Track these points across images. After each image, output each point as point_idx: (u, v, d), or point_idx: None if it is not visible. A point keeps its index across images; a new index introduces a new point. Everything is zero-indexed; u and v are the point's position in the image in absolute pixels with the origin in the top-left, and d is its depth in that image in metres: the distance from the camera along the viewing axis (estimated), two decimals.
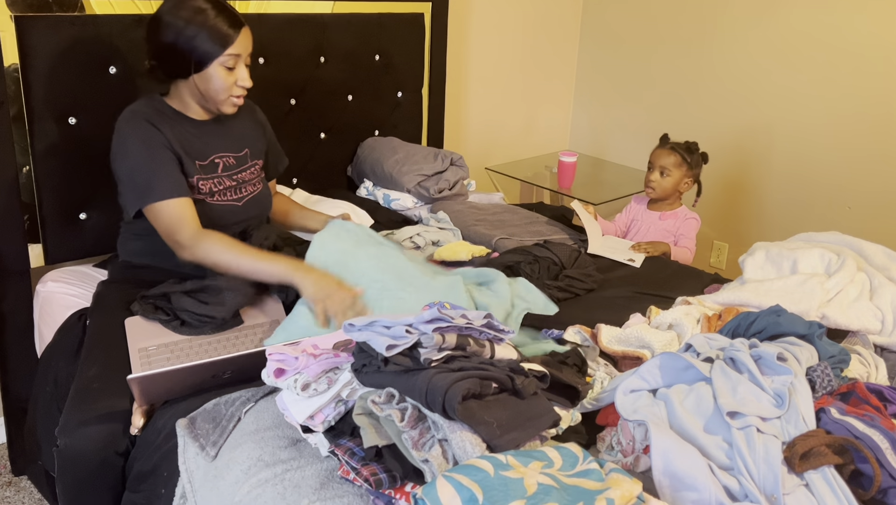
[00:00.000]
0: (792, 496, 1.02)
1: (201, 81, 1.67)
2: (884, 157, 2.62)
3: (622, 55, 3.33)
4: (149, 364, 1.46)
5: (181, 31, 1.62)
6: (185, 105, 1.74)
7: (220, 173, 1.76)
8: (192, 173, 1.70)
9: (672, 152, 2.37)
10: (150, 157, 1.63)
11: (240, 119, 1.84)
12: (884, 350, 1.59)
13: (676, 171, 2.37)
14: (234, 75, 1.67)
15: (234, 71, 1.67)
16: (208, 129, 1.76)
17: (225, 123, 1.80)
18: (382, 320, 1.12)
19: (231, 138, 1.81)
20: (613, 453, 1.18)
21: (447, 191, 2.47)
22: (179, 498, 1.26)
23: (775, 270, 1.78)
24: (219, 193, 1.75)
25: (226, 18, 1.64)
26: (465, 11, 2.99)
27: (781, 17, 2.78)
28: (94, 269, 2.01)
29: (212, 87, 1.67)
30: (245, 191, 1.81)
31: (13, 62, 1.80)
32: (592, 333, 1.54)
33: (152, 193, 1.62)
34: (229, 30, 1.64)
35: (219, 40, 1.63)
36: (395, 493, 1.04)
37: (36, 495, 2.03)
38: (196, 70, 1.65)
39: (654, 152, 2.42)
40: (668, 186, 2.38)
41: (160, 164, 1.63)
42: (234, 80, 1.68)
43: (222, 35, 1.63)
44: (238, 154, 1.81)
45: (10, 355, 1.97)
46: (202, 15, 1.62)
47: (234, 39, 1.64)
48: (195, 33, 1.61)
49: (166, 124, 1.68)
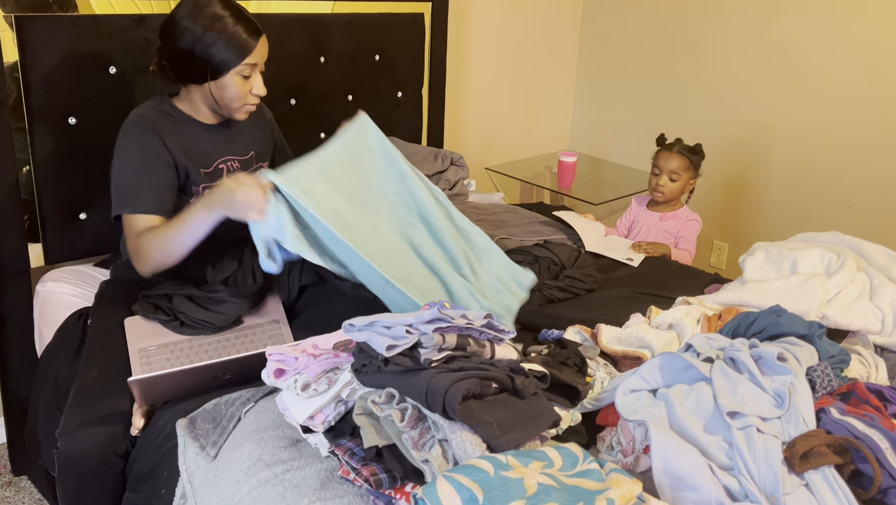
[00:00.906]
0: (792, 496, 1.02)
1: (216, 89, 1.64)
2: (884, 157, 2.62)
3: (622, 55, 3.33)
4: (148, 364, 1.46)
5: (199, 38, 1.57)
6: (196, 109, 1.71)
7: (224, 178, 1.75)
8: (197, 182, 1.69)
9: (679, 156, 2.35)
10: (141, 169, 1.61)
11: (248, 121, 1.81)
12: (884, 350, 1.59)
13: (685, 174, 2.36)
14: (249, 83, 1.65)
15: (250, 79, 1.64)
16: (216, 133, 1.75)
17: (233, 127, 1.78)
18: (382, 321, 1.12)
19: (238, 142, 1.79)
20: (613, 453, 1.18)
21: (447, 191, 2.47)
22: (179, 498, 1.26)
23: (775, 270, 1.78)
24: None
25: (245, 27, 1.60)
26: (465, 11, 2.99)
27: (781, 17, 2.78)
28: (94, 268, 2.01)
29: (227, 95, 1.64)
30: None
31: (13, 62, 1.80)
32: (592, 333, 1.54)
33: (131, 204, 1.59)
34: (248, 38, 1.60)
35: (237, 49, 1.59)
36: (395, 493, 1.04)
37: (36, 495, 2.03)
38: (212, 78, 1.62)
39: (659, 155, 2.39)
40: (676, 190, 2.37)
41: (149, 177, 1.61)
42: (250, 89, 1.65)
43: (241, 44, 1.59)
44: (243, 157, 1.80)
45: (10, 355, 1.97)
46: (221, 22, 1.58)
47: (252, 48, 1.61)
48: (213, 41, 1.57)
49: (173, 129, 1.66)
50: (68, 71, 1.88)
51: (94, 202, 1.98)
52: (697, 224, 2.41)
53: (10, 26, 1.78)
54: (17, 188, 1.86)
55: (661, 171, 2.37)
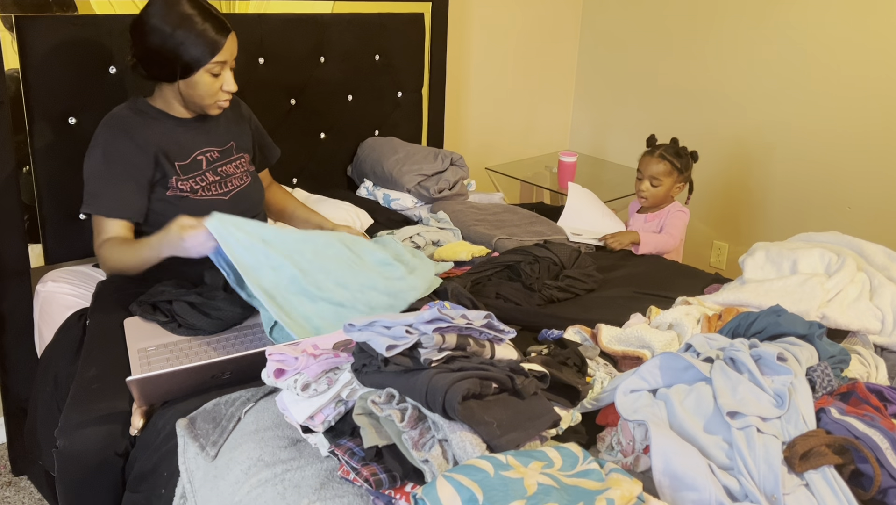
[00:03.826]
0: (792, 496, 1.02)
1: (187, 87, 1.67)
2: (884, 157, 2.62)
3: (622, 55, 3.33)
4: (148, 365, 1.46)
5: (168, 38, 1.60)
6: (170, 105, 1.74)
7: (204, 169, 1.76)
8: (170, 174, 1.70)
9: (661, 160, 2.31)
10: (106, 171, 1.64)
11: (224, 115, 1.83)
12: (884, 350, 1.59)
13: (667, 179, 2.31)
14: (219, 81, 1.67)
15: (220, 76, 1.67)
16: (192, 127, 1.76)
17: (209, 120, 1.80)
18: (382, 321, 1.12)
19: (216, 133, 1.81)
20: (613, 453, 1.18)
21: (447, 191, 2.47)
22: (179, 498, 1.26)
23: (775, 270, 1.78)
24: (202, 189, 1.75)
25: (213, 25, 1.62)
26: (465, 11, 2.99)
27: (782, 17, 2.78)
28: (94, 269, 2.01)
29: (197, 92, 1.67)
30: (231, 185, 1.80)
31: (13, 63, 1.80)
32: (592, 333, 1.54)
33: (95, 204, 1.65)
34: (216, 36, 1.62)
35: (206, 47, 1.62)
36: (395, 493, 1.04)
37: (36, 495, 2.03)
38: (182, 76, 1.65)
39: (641, 160, 2.36)
40: (659, 195, 2.34)
41: (114, 180, 1.64)
42: (220, 86, 1.68)
43: (210, 42, 1.62)
44: (222, 147, 1.81)
45: (10, 355, 1.97)
46: (189, 21, 1.60)
47: (221, 46, 1.63)
48: (182, 40, 1.60)
49: (145, 126, 1.68)
50: (68, 71, 1.88)
51: None
52: (683, 215, 2.37)
53: (10, 26, 1.78)
54: (17, 188, 1.86)
55: (643, 175, 2.35)
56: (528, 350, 1.43)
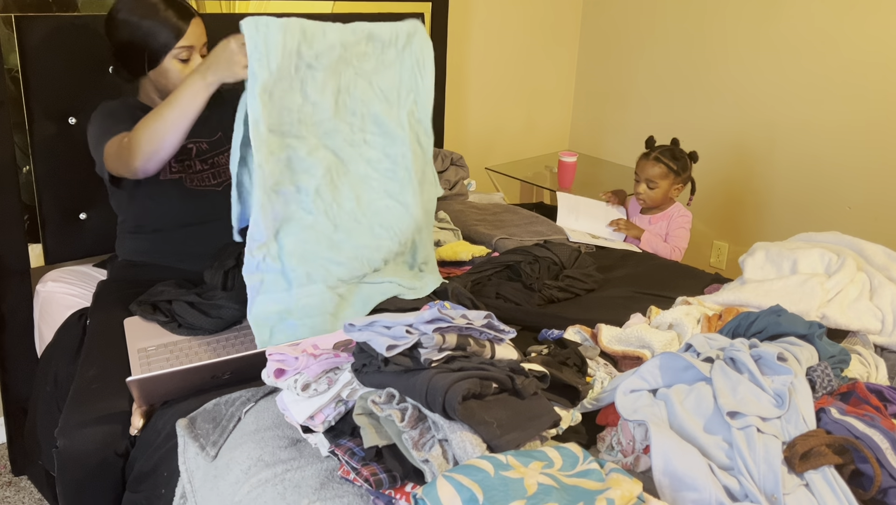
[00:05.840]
0: (792, 496, 1.02)
1: (158, 76, 1.69)
2: (884, 157, 2.62)
3: (622, 55, 3.33)
4: (148, 365, 1.46)
5: (136, 28, 1.64)
6: (152, 100, 1.76)
7: (193, 157, 1.77)
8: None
9: (657, 163, 2.31)
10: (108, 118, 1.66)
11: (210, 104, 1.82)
12: (884, 350, 1.59)
13: (663, 181, 2.32)
14: (189, 67, 1.68)
15: (189, 63, 1.68)
16: None
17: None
18: (383, 321, 1.12)
19: (205, 125, 1.79)
20: (613, 453, 1.18)
21: (447, 191, 2.47)
22: (179, 498, 1.26)
23: (775, 270, 1.78)
24: (196, 178, 1.75)
25: (175, 11, 1.66)
26: (465, 11, 2.99)
27: (782, 17, 2.78)
28: (94, 269, 2.01)
29: (170, 81, 1.68)
30: (224, 176, 1.80)
31: (13, 63, 1.80)
32: (592, 333, 1.54)
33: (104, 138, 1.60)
34: (178, 21, 1.65)
35: (171, 32, 1.64)
36: (395, 493, 1.04)
37: (36, 495, 2.03)
38: (150, 66, 1.67)
39: (638, 163, 2.37)
40: (657, 197, 2.35)
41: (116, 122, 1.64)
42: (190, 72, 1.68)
43: (173, 27, 1.64)
44: (211, 139, 1.82)
45: (10, 355, 1.97)
46: (153, 9, 1.64)
47: (184, 31, 1.65)
48: (147, 28, 1.64)
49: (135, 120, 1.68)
50: (68, 71, 1.88)
51: (94, 202, 1.98)
52: (686, 219, 2.39)
53: (10, 26, 1.78)
54: (17, 188, 1.86)
55: (640, 178, 2.36)
56: (528, 350, 1.43)
